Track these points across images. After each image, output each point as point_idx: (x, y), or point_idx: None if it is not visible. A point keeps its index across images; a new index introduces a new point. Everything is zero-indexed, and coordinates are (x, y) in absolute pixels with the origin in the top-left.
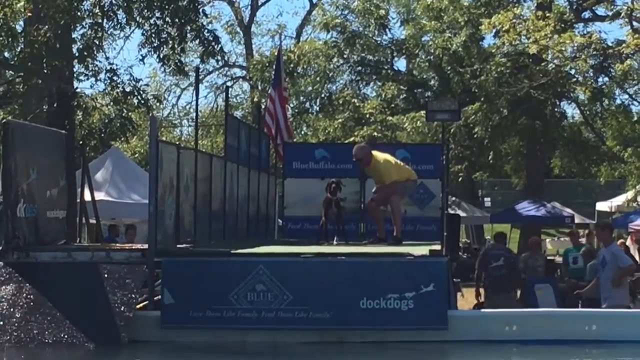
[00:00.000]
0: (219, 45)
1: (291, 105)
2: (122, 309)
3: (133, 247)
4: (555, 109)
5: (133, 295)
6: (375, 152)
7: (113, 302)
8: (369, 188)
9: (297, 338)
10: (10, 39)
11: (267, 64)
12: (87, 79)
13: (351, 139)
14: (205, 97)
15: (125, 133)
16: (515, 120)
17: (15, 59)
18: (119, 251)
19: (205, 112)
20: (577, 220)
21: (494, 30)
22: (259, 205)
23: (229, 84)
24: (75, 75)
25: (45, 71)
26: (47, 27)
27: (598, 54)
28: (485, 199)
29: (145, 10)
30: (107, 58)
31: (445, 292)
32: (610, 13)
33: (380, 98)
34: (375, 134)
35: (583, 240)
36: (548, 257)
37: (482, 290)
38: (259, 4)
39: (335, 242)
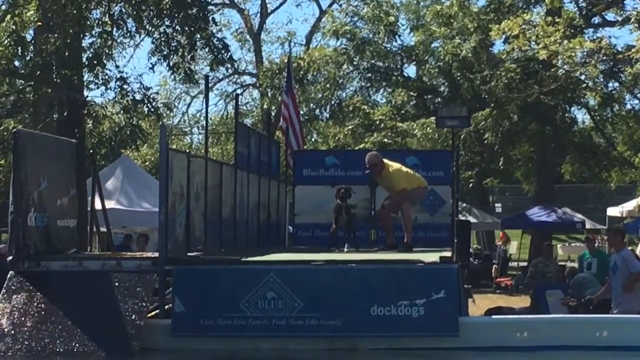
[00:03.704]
0: (229, 53)
1: (301, 112)
2: (133, 318)
3: (144, 256)
4: (566, 115)
5: (144, 304)
6: (386, 161)
7: (124, 310)
8: (379, 195)
9: (308, 345)
10: (20, 48)
11: (277, 72)
12: (97, 87)
13: (361, 146)
14: (215, 104)
15: (135, 141)
16: (525, 126)
17: (25, 68)
18: (129, 260)
19: (215, 119)
20: (588, 226)
21: (504, 36)
22: (269, 212)
23: (238, 91)
24: (85, 83)
25: (55, 80)
26: (56, 36)
27: (608, 59)
28: (496, 204)
29: (155, 19)
30: (117, 66)
31: (456, 298)
32: (620, 18)
33: (390, 104)
34: (386, 140)
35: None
36: (559, 263)
37: None
38: (269, 11)
39: (346, 249)
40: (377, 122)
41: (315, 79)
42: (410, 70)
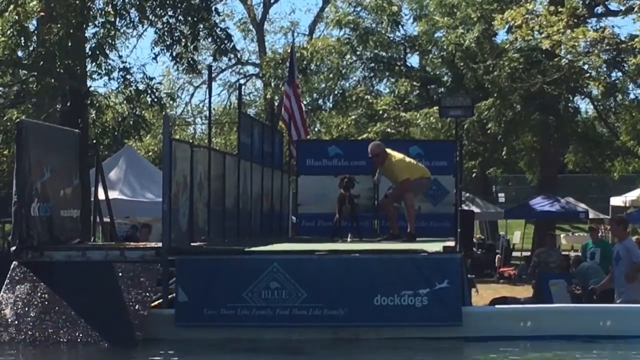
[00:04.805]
0: (232, 43)
1: (304, 102)
2: (136, 308)
3: (147, 246)
4: (569, 104)
5: (147, 294)
6: (389, 151)
7: (127, 300)
8: (383, 185)
9: (312, 335)
10: (23, 39)
11: (280, 62)
12: (100, 77)
13: (364, 136)
14: (218, 95)
15: (138, 131)
16: (528, 116)
17: (28, 58)
18: (133, 250)
19: (218, 109)
20: (591, 216)
21: (507, 26)
22: (272, 202)
23: (242, 81)
24: (88, 74)
25: (58, 70)
26: (59, 26)
27: (611, 48)
28: (499, 194)
29: (158, 9)
30: (120, 56)
31: (459, 288)
32: (623, 8)
33: (394, 94)
34: (389, 130)
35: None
36: (562, 253)
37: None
38: (272, 1)
39: (349, 239)
40: (381, 112)
41: (318, 69)
42: (414, 60)
